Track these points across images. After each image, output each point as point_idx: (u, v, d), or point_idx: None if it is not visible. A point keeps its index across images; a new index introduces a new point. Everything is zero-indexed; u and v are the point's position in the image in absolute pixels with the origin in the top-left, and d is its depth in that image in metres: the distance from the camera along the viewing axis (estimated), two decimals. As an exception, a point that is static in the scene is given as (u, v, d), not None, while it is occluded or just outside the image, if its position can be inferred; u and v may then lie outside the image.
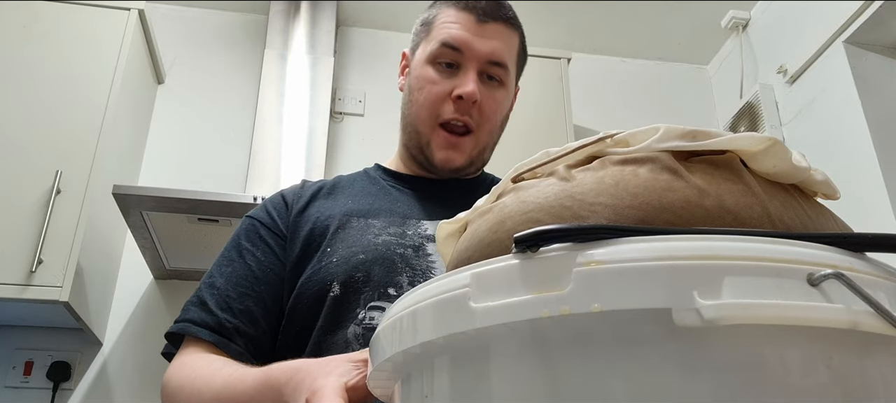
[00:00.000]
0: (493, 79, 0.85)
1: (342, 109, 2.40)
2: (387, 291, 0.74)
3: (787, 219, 0.35)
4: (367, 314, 0.72)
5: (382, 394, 0.41)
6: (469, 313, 0.31)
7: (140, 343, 2.00)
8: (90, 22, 1.97)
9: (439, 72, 0.84)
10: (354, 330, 0.71)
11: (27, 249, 1.66)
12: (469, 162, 0.85)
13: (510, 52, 0.87)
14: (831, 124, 2.05)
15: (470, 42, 0.83)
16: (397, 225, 0.80)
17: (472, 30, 0.83)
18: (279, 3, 2.37)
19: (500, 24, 0.85)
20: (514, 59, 0.88)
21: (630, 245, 0.29)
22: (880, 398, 0.28)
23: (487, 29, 0.84)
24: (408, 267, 0.75)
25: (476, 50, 0.83)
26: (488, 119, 0.85)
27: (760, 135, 0.35)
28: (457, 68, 0.83)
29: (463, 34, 0.83)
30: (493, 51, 0.83)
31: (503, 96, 0.87)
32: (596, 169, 0.37)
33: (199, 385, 0.69)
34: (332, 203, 0.84)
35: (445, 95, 0.83)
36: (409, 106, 0.87)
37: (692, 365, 0.28)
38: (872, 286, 0.28)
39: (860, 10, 1.95)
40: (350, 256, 0.75)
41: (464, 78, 0.82)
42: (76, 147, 1.80)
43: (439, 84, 0.83)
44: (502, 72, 0.85)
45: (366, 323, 0.71)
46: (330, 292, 0.74)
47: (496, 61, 0.84)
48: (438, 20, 0.86)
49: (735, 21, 2.47)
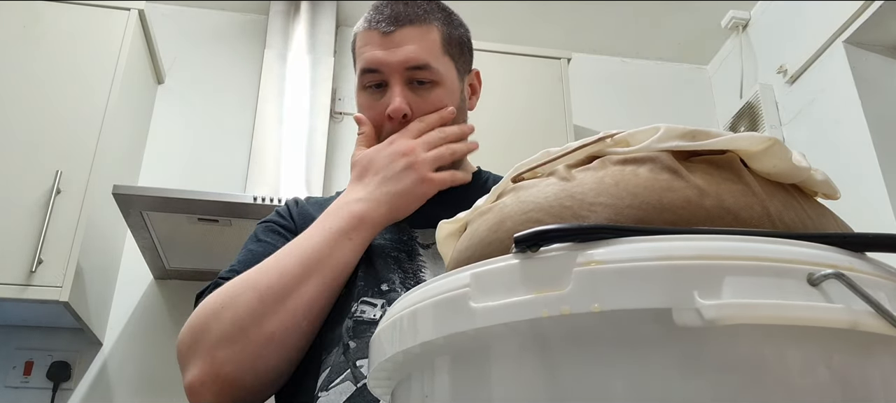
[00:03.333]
0: (423, 83, 0.83)
1: (342, 109, 2.40)
2: (379, 287, 0.75)
3: (787, 219, 0.35)
4: (359, 307, 0.74)
5: (382, 394, 0.41)
6: (469, 313, 0.31)
7: (140, 343, 2.00)
8: (90, 22, 1.97)
9: (370, 96, 0.84)
10: (347, 323, 0.72)
11: (27, 249, 1.66)
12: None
13: (429, 48, 0.83)
14: (831, 124, 2.05)
15: (381, 59, 0.81)
16: (390, 231, 0.81)
17: (381, 44, 0.82)
18: (279, 3, 2.37)
19: (406, 28, 0.82)
20: (437, 52, 0.84)
21: (630, 245, 0.29)
22: (880, 398, 0.28)
23: (395, 37, 0.82)
24: (400, 268, 0.77)
25: (390, 63, 0.81)
26: None
27: (760, 135, 0.35)
28: (386, 86, 0.83)
29: (374, 53, 0.82)
30: (406, 58, 0.81)
31: (442, 94, 0.84)
32: (596, 168, 0.37)
33: (254, 278, 0.71)
34: None
35: (382, 117, 0.83)
36: None
37: (692, 365, 0.28)
38: (872, 286, 0.28)
39: (860, 11, 1.95)
40: None
41: (389, 95, 0.82)
42: (76, 147, 1.80)
43: (374, 107, 0.83)
44: (427, 73, 0.83)
45: (357, 317, 0.73)
46: None
47: (414, 65, 0.82)
48: (357, 47, 0.86)
49: (735, 21, 2.47)
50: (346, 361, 0.69)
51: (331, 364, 0.70)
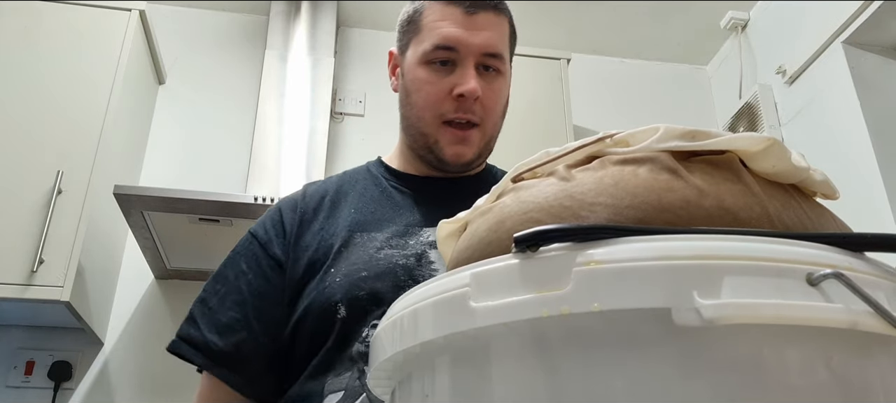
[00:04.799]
0: (489, 69, 0.83)
1: (343, 110, 2.40)
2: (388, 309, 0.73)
3: (786, 219, 0.35)
4: (371, 332, 0.72)
5: (383, 393, 0.41)
6: (469, 312, 0.31)
7: (141, 342, 2.00)
8: (91, 22, 1.97)
9: (435, 72, 0.82)
10: (359, 348, 0.71)
11: (28, 249, 1.66)
12: (478, 154, 0.84)
13: (503, 40, 0.85)
14: (830, 124, 2.05)
15: (463, 38, 0.81)
16: (400, 235, 0.79)
17: (462, 23, 0.81)
18: (280, 3, 2.37)
19: (489, 13, 0.83)
20: (506, 45, 0.86)
21: (630, 245, 0.29)
22: (879, 397, 0.28)
23: (477, 19, 0.82)
24: (410, 279, 0.75)
25: (470, 45, 0.81)
26: (491, 111, 0.84)
27: (760, 136, 0.35)
28: (453, 65, 0.82)
29: (454, 31, 0.81)
30: (487, 42, 0.81)
31: (502, 85, 0.85)
32: (596, 169, 0.37)
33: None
34: (335, 219, 0.83)
35: (445, 94, 0.81)
36: (409, 108, 0.85)
37: (692, 365, 0.28)
38: (872, 286, 0.29)
39: (859, 11, 1.95)
40: (352, 274, 0.75)
41: (462, 75, 0.80)
42: (77, 147, 1.80)
43: (437, 84, 0.81)
44: (498, 62, 0.83)
45: (368, 341, 0.71)
46: (337, 314, 0.73)
47: (492, 52, 0.82)
48: (426, 18, 0.84)
49: (734, 22, 2.47)
50: (361, 386, 0.69)
51: (343, 387, 0.70)
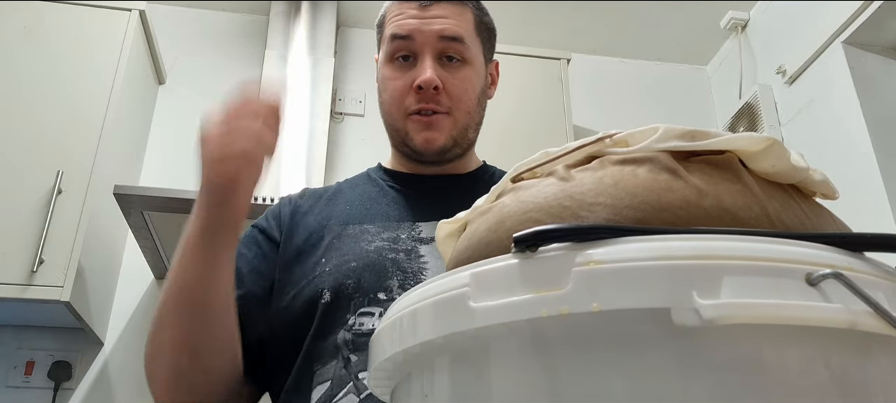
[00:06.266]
0: (452, 58, 0.82)
1: (343, 110, 2.40)
2: (377, 296, 0.73)
3: (785, 219, 0.35)
4: (357, 320, 0.72)
5: (382, 394, 0.41)
6: (469, 312, 0.31)
7: (141, 342, 1.97)
8: (91, 23, 1.97)
9: (398, 68, 0.83)
10: (344, 335, 0.71)
11: (28, 249, 1.66)
12: (451, 141, 0.83)
13: (464, 25, 0.83)
14: (830, 124, 2.05)
15: (416, 27, 0.81)
16: (391, 229, 0.79)
17: (416, 15, 0.82)
18: (280, 3, 2.37)
19: (443, 3, 0.82)
20: (471, 32, 0.85)
21: (629, 245, 0.29)
22: (879, 397, 0.28)
23: (432, 9, 0.82)
24: (399, 271, 0.75)
25: (425, 32, 0.81)
26: (459, 100, 0.82)
27: (759, 136, 0.35)
28: (414, 59, 0.82)
29: (408, 22, 0.81)
30: (442, 28, 0.81)
31: (469, 73, 0.83)
32: (595, 169, 0.37)
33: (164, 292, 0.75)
34: (331, 209, 0.84)
35: (407, 88, 0.81)
36: (381, 107, 0.87)
37: (691, 365, 0.28)
38: (871, 286, 0.28)
39: (859, 11, 1.95)
40: (342, 264, 0.76)
41: (420, 66, 0.81)
42: (77, 147, 1.80)
43: (400, 79, 0.82)
44: (460, 47, 0.82)
45: (355, 329, 0.72)
46: (321, 299, 0.74)
47: (449, 36, 0.81)
48: (387, 18, 0.85)
49: (734, 21, 2.47)
50: (347, 374, 0.69)
51: (330, 377, 0.70)
